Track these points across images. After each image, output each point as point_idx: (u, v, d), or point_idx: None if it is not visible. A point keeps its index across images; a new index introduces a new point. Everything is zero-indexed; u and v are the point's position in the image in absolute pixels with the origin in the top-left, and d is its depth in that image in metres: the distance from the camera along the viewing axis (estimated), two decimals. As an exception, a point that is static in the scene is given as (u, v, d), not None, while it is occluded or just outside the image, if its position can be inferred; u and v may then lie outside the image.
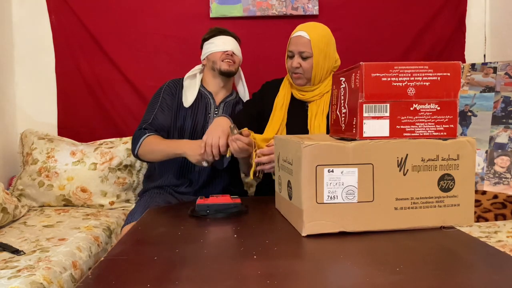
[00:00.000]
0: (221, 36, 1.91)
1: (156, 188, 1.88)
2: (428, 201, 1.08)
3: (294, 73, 1.69)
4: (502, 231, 1.67)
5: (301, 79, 1.69)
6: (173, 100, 1.88)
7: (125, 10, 2.45)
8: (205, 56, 1.92)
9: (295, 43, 1.68)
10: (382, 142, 1.05)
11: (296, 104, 1.75)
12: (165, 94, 1.89)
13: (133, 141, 1.78)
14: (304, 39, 1.65)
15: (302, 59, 1.66)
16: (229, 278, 0.84)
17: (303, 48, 1.65)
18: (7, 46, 2.43)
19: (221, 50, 1.87)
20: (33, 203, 2.18)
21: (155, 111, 1.84)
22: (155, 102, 1.88)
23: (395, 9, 2.47)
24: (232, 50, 1.88)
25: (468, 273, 0.87)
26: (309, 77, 1.69)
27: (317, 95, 1.71)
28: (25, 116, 2.50)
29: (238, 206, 1.31)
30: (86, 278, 0.83)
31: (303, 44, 1.65)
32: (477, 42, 2.50)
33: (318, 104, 1.71)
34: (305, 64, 1.66)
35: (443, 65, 1.08)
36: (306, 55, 1.65)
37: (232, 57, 1.88)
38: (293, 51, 1.67)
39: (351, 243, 1.02)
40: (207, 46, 1.91)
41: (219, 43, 1.88)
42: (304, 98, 1.73)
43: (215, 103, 1.91)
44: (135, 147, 1.76)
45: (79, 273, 1.49)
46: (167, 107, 1.86)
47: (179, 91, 1.91)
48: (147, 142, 1.74)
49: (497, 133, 1.99)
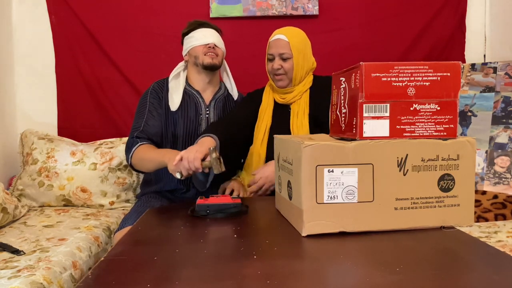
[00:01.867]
0: (201, 29, 1.84)
1: (153, 193, 1.85)
2: (428, 201, 1.08)
3: (276, 75, 1.75)
4: (502, 231, 1.67)
5: (283, 80, 1.75)
6: (160, 103, 1.83)
7: (125, 10, 2.46)
8: (187, 52, 1.86)
9: (274, 46, 1.74)
10: (382, 142, 1.05)
11: (280, 108, 1.81)
12: (151, 98, 1.83)
13: (126, 150, 1.74)
14: (283, 42, 1.72)
15: (282, 60, 1.72)
16: (229, 278, 0.84)
17: (283, 50, 1.72)
18: (7, 46, 2.43)
19: (202, 43, 1.80)
20: (33, 203, 2.18)
21: (144, 117, 1.79)
22: (143, 108, 1.82)
23: (395, 9, 2.47)
24: (214, 42, 1.81)
25: (468, 273, 0.87)
26: (290, 78, 1.75)
27: (297, 95, 1.77)
28: (25, 116, 2.50)
29: (238, 206, 1.31)
30: (86, 278, 0.83)
31: (283, 46, 1.72)
32: (477, 42, 2.50)
33: (299, 104, 1.76)
34: (286, 65, 1.72)
35: (443, 65, 1.08)
36: (286, 56, 1.72)
37: (214, 50, 1.81)
38: (273, 53, 1.74)
39: (351, 243, 1.02)
40: (188, 41, 1.85)
41: (199, 36, 1.82)
42: (285, 101, 1.79)
43: (204, 102, 1.86)
44: (128, 157, 1.73)
45: (79, 273, 1.49)
46: (156, 111, 1.81)
47: (164, 93, 1.85)
48: (138, 151, 1.70)
49: (497, 133, 1.99)
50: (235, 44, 2.39)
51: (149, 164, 1.68)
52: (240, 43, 2.44)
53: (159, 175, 1.84)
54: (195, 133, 1.82)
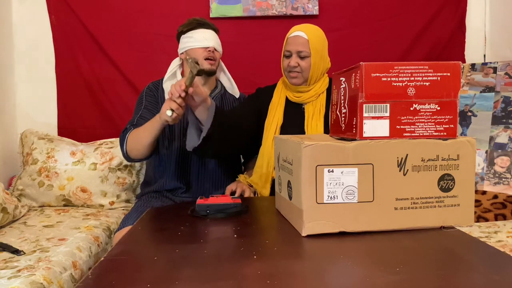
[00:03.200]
0: (201, 30, 1.80)
1: (153, 193, 1.84)
2: (428, 201, 1.08)
3: (291, 72, 1.71)
4: (502, 231, 1.67)
5: (298, 78, 1.71)
6: (156, 101, 1.82)
7: (125, 10, 2.45)
8: (184, 51, 1.82)
9: (293, 43, 1.70)
10: (382, 142, 1.05)
11: (292, 106, 1.77)
12: (147, 97, 1.82)
13: (120, 143, 1.72)
14: (302, 39, 1.68)
15: (300, 58, 1.69)
16: (229, 278, 0.84)
17: (302, 48, 1.68)
18: (7, 46, 2.43)
19: (202, 46, 1.77)
20: (33, 203, 2.18)
21: (139, 113, 1.77)
22: (139, 106, 1.82)
23: (395, 9, 2.47)
24: (213, 46, 1.78)
25: (468, 273, 0.87)
26: (306, 77, 1.71)
27: (313, 95, 1.73)
28: (25, 116, 2.50)
29: (238, 206, 1.31)
30: (86, 278, 0.83)
31: (302, 44, 1.68)
32: (477, 42, 2.50)
33: (315, 105, 1.72)
34: (303, 63, 1.68)
35: (443, 65, 1.08)
36: (304, 54, 1.68)
37: (213, 54, 1.78)
38: (291, 50, 1.70)
39: (351, 243, 1.02)
40: (186, 40, 1.81)
41: (199, 38, 1.78)
42: (300, 100, 1.74)
43: None
44: (123, 148, 1.70)
45: (79, 273, 1.49)
46: (152, 108, 1.79)
47: (160, 93, 1.83)
48: (131, 136, 1.67)
49: (497, 133, 1.99)
50: (235, 44, 2.39)
51: (143, 133, 1.63)
52: (240, 43, 2.44)
53: (159, 172, 1.84)
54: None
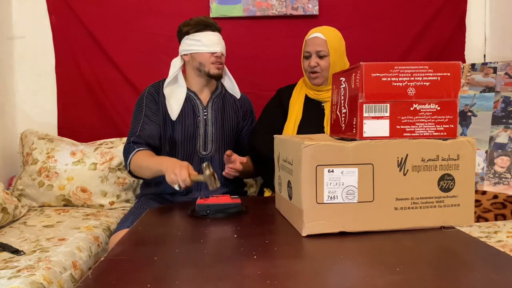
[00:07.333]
0: (208, 33, 1.76)
1: (152, 195, 1.83)
2: (428, 201, 1.08)
3: (311, 73, 1.75)
4: (502, 231, 1.67)
5: (318, 78, 1.75)
6: (157, 107, 1.80)
7: (125, 10, 2.45)
8: (188, 53, 1.79)
9: (312, 44, 1.75)
10: (382, 142, 1.05)
11: (311, 104, 1.80)
12: (148, 102, 1.80)
13: (124, 156, 1.73)
14: (321, 40, 1.73)
15: (319, 58, 1.73)
16: (229, 278, 0.84)
17: (320, 48, 1.73)
18: (7, 46, 2.43)
19: (210, 51, 1.74)
20: (33, 203, 2.18)
21: (141, 122, 1.76)
22: (139, 112, 1.80)
23: (395, 9, 2.47)
24: (221, 51, 1.76)
25: (468, 273, 0.87)
26: (326, 76, 1.75)
27: None
28: (25, 116, 2.49)
29: (238, 206, 1.31)
30: (86, 278, 0.83)
31: (320, 44, 1.73)
32: (477, 42, 2.50)
33: None
34: (323, 63, 1.73)
35: (443, 65, 1.08)
36: (323, 53, 1.73)
37: (220, 59, 1.77)
38: (310, 51, 1.75)
39: (351, 243, 1.02)
40: (192, 42, 1.76)
41: (207, 43, 1.74)
42: (320, 97, 1.78)
43: (202, 104, 1.83)
44: (126, 164, 1.72)
45: (79, 273, 1.49)
46: (153, 115, 1.78)
47: (161, 98, 1.81)
48: (136, 158, 1.68)
49: (497, 133, 1.99)
50: (235, 44, 2.38)
51: (147, 171, 1.68)
52: (240, 43, 2.43)
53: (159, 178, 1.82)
54: (193, 136, 1.80)
